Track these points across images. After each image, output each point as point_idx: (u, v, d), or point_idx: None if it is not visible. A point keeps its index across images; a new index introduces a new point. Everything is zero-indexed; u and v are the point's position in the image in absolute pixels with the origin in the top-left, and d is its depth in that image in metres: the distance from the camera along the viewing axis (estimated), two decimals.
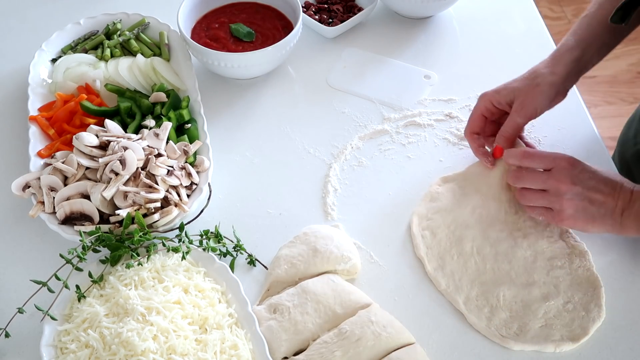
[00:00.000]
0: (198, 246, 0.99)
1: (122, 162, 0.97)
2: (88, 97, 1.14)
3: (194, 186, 1.03)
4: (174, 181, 1.00)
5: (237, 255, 1.01)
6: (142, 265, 0.93)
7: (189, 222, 1.01)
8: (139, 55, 1.20)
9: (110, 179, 0.97)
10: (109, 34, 1.26)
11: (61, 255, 0.93)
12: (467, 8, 1.39)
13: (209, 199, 1.04)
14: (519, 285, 0.95)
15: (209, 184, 1.03)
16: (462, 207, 1.04)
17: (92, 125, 1.06)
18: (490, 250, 0.99)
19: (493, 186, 1.04)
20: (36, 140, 1.09)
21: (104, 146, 1.02)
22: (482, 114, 1.05)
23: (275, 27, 1.25)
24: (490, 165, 1.05)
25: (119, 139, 1.02)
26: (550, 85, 1.00)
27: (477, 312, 0.94)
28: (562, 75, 1.01)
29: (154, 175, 0.99)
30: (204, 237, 1.01)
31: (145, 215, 0.97)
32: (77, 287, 0.91)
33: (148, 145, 1.03)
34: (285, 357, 0.90)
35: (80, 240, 0.94)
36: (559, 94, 1.02)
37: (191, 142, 1.08)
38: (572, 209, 0.93)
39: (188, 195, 1.02)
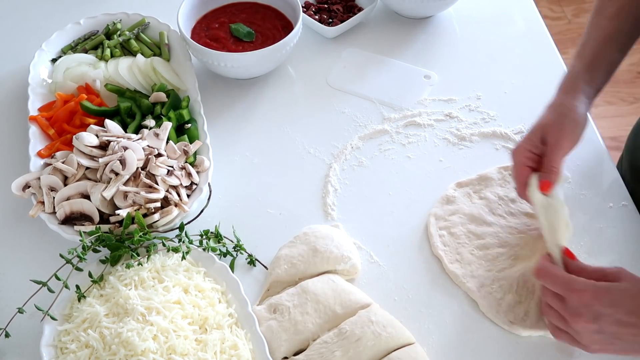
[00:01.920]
0: (198, 246, 0.99)
1: (122, 162, 0.97)
2: (88, 97, 1.14)
3: (194, 186, 1.03)
4: (174, 181, 1.00)
5: (237, 255, 1.01)
6: (142, 265, 0.93)
7: (189, 222, 1.01)
8: (139, 55, 1.20)
9: (110, 179, 0.97)
10: (109, 34, 1.26)
11: (61, 255, 0.93)
12: (467, 8, 1.39)
13: (209, 199, 1.04)
14: (531, 269, 0.95)
15: (209, 184, 1.03)
16: (480, 207, 1.04)
17: (92, 125, 1.06)
18: (514, 239, 0.99)
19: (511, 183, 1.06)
20: (36, 140, 1.09)
21: (104, 146, 1.02)
22: (526, 165, 0.96)
23: (275, 27, 1.25)
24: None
25: (119, 139, 1.02)
26: (573, 110, 0.97)
27: (489, 299, 0.94)
28: (578, 95, 0.99)
29: (154, 175, 0.99)
30: (204, 237, 1.01)
31: (145, 215, 0.97)
32: (77, 287, 0.91)
33: (148, 145, 1.03)
34: (285, 357, 0.90)
35: (80, 240, 0.94)
36: (584, 119, 0.99)
37: (191, 142, 1.08)
38: (597, 344, 0.82)
39: (188, 195, 1.02)
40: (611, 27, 0.99)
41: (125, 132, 1.09)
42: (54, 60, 1.22)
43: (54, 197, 0.98)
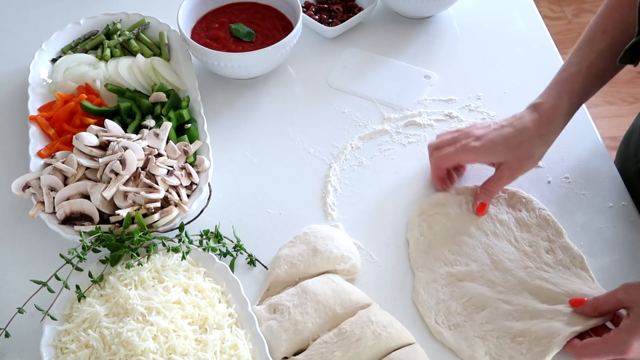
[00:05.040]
0: (198, 246, 0.99)
1: (122, 162, 0.97)
2: (88, 97, 1.14)
3: (194, 186, 1.03)
4: (174, 181, 1.00)
5: (237, 255, 1.01)
6: (142, 265, 0.93)
7: (189, 222, 1.01)
8: (139, 55, 1.20)
9: (110, 179, 0.97)
10: (109, 34, 1.26)
11: (61, 255, 0.93)
12: (467, 8, 1.39)
13: (209, 199, 1.04)
14: (495, 299, 0.93)
15: (209, 184, 1.04)
16: (466, 220, 1.02)
17: (92, 125, 1.06)
18: (489, 264, 0.97)
19: (499, 207, 1.04)
20: (36, 140, 1.09)
21: (104, 146, 1.02)
22: (460, 162, 1.06)
23: (275, 27, 1.26)
24: (443, 190, 1.05)
25: (119, 139, 1.02)
26: (541, 156, 1.01)
27: (427, 297, 0.94)
28: (552, 143, 1.01)
29: (154, 175, 0.99)
30: (204, 237, 1.01)
31: (145, 215, 0.97)
32: (77, 287, 0.91)
33: (148, 145, 1.03)
34: (285, 357, 0.90)
35: (80, 240, 0.94)
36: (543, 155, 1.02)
37: (191, 142, 1.08)
38: None
39: (188, 195, 1.02)
40: (600, 64, 0.99)
41: (125, 132, 1.09)
42: (54, 60, 1.22)
43: (54, 197, 0.98)
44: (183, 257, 0.95)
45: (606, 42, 0.99)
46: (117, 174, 0.97)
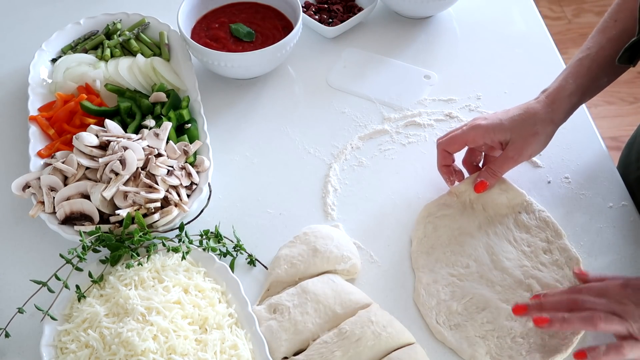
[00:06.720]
0: (198, 246, 0.99)
1: (122, 162, 0.97)
2: (88, 97, 1.14)
3: (194, 186, 1.03)
4: (174, 181, 1.00)
5: (237, 255, 1.01)
6: (142, 265, 0.93)
7: (189, 222, 1.01)
8: (139, 55, 1.20)
9: (110, 179, 0.97)
10: (109, 34, 1.26)
11: (61, 255, 0.93)
12: (467, 8, 1.39)
13: (209, 199, 1.04)
14: (495, 300, 0.94)
15: (209, 184, 1.04)
16: (470, 219, 1.02)
17: (92, 125, 1.06)
18: (489, 263, 0.98)
19: (500, 208, 1.04)
20: (36, 140, 1.09)
21: (104, 146, 1.02)
22: (467, 143, 1.02)
23: (275, 27, 1.26)
24: (451, 184, 1.04)
25: (119, 139, 1.02)
26: (548, 135, 1.01)
27: (428, 298, 0.94)
28: (560, 122, 1.01)
29: (154, 175, 0.99)
30: (204, 237, 1.01)
31: (145, 215, 0.97)
32: (77, 287, 0.91)
33: (148, 145, 1.03)
34: (285, 357, 0.90)
35: (80, 240, 0.94)
36: (550, 138, 1.02)
37: (191, 142, 1.08)
38: None
39: (188, 195, 1.02)
40: (610, 49, 1.00)
41: (125, 132, 1.09)
42: (54, 60, 1.22)
43: (54, 197, 0.98)
44: (183, 257, 0.95)
45: (617, 30, 1.00)
46: (117, 174, 0.97)
